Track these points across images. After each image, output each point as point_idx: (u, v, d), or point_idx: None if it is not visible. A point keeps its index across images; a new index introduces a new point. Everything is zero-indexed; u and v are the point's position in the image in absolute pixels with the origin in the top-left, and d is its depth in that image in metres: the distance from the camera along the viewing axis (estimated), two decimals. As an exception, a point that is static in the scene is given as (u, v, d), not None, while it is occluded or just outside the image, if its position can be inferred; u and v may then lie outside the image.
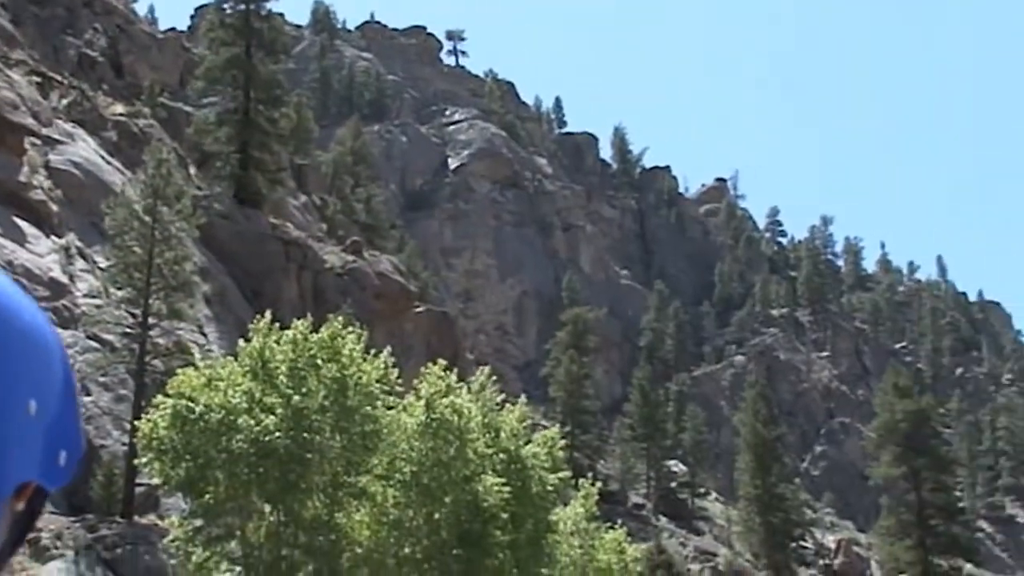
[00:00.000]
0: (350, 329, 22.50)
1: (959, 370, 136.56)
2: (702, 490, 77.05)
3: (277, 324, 22.22)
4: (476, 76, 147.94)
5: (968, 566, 62.40)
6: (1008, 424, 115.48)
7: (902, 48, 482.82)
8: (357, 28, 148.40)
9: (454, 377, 23.12)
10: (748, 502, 66.65)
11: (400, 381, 23.21)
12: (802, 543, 67.75)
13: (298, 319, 22.59)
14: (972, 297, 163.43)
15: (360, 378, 21.70)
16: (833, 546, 70.87)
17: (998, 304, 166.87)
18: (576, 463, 57.16)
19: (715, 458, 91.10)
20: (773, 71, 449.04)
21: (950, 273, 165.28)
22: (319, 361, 21.43)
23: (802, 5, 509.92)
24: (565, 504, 26.71)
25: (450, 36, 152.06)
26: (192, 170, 48.24)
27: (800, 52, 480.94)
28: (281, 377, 21.13)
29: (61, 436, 1.10)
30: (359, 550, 22.56)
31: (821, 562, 68.47)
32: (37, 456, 1.06)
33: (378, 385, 22.35)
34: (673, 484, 73.29)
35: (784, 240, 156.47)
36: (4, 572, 1.13)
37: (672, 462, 75.59)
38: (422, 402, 22.26)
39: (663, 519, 65.50)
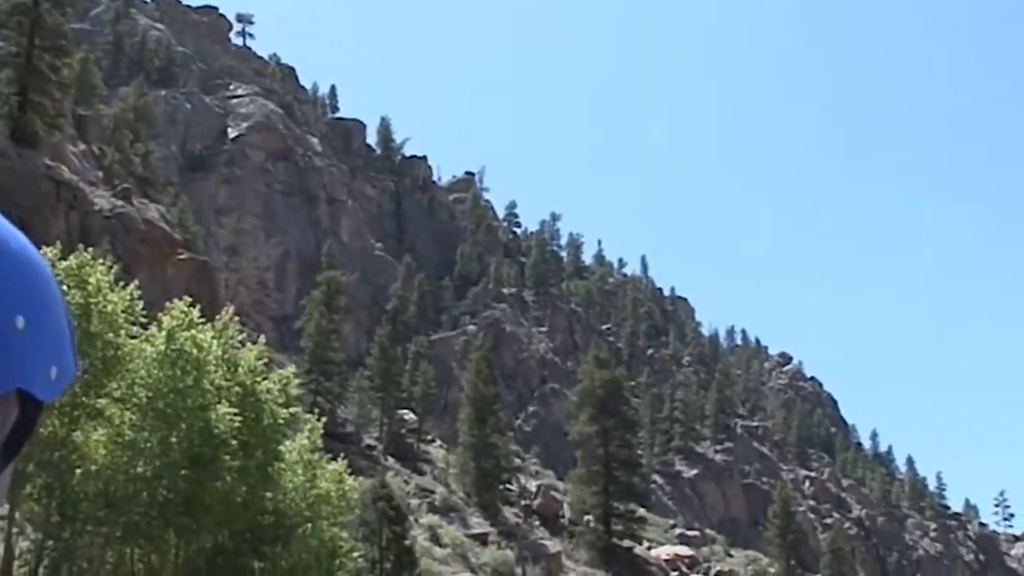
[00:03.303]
0: (100, 261, 20.90)
1: (650, 351, 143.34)
2: (428, 436, 77.34)
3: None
4: (261, 58, 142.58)
5: (641, 510, 65.44)
6: (683, 397, 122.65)
7: (633, 66, 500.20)
8: (153, 0, 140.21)
9: (197, 312, 21.88)
10: (465, 448, 67.35)
11: (145, 314, 21.80)
12: (508, 486, 69.03)
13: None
14: (666, 292, 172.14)
15: (105, 307, 20.19)
16: (534, 490, 72.52)
17: (686, 299, 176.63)
18: (319, 406, 56.05)
19: (443, 410, 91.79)
20: (523, 79, 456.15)
21: (650, 270, 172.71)
22: (64, 287, 19.76)
23: (546, 13, 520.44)
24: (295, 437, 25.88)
25: (240, 19, 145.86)
26: (-30, 108, 43.97)
27: (548, 64, 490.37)
28: (24, 300, 19.35)
29: (51, 353, 1.07)
30: (94, 467, 21.09)
31: (523, 502, 69.96)
32: (27, 368, 1.03)
33: (123, 315, 20.90)
34: (403, 430, 73.16)
35: (518, 230, 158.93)
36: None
37: (404, 411, 75.47)
38: (164, 333, 20.95)
39: (391, 459, 65.17)
